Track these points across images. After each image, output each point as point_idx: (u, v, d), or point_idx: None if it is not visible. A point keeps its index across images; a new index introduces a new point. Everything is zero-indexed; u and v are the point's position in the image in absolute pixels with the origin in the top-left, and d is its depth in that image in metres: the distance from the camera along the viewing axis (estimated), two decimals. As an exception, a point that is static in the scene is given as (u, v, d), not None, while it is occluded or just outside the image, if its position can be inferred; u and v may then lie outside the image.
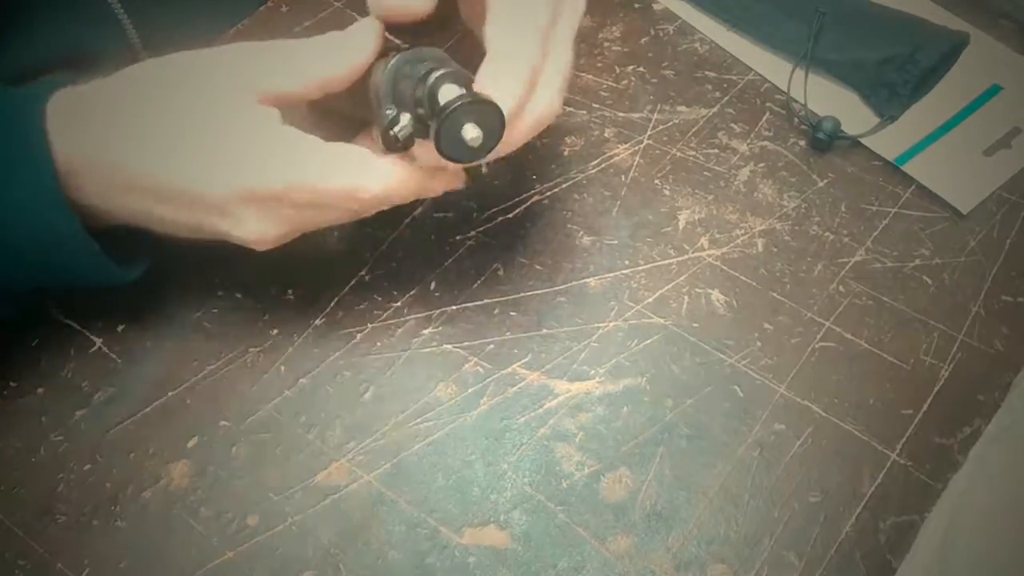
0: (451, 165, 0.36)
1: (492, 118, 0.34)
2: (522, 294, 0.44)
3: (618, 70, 0.53)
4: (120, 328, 0.43)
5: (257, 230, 0.37)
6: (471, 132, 0.34)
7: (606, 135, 0.50)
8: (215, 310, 0.43)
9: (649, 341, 0.43)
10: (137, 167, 0.36)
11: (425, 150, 0.36)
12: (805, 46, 0.52)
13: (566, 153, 0.49)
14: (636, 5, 0.56)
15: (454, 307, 0.44)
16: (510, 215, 0.47)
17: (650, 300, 0.44)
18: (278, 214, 0.37)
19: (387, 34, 0.38)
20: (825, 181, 0.48)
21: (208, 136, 0.36)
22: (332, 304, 0.44)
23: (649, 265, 0.45)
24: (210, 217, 0.37)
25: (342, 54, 0.37)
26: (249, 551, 0.37)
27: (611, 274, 0.45)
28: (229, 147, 0.36)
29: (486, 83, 0.35)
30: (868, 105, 0.51)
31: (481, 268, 0.45)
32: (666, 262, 0.45)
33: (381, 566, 0.37)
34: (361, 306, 0.44)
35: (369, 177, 0.36)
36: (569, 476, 0.39)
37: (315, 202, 0.36)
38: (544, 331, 0.43)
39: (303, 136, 0.36)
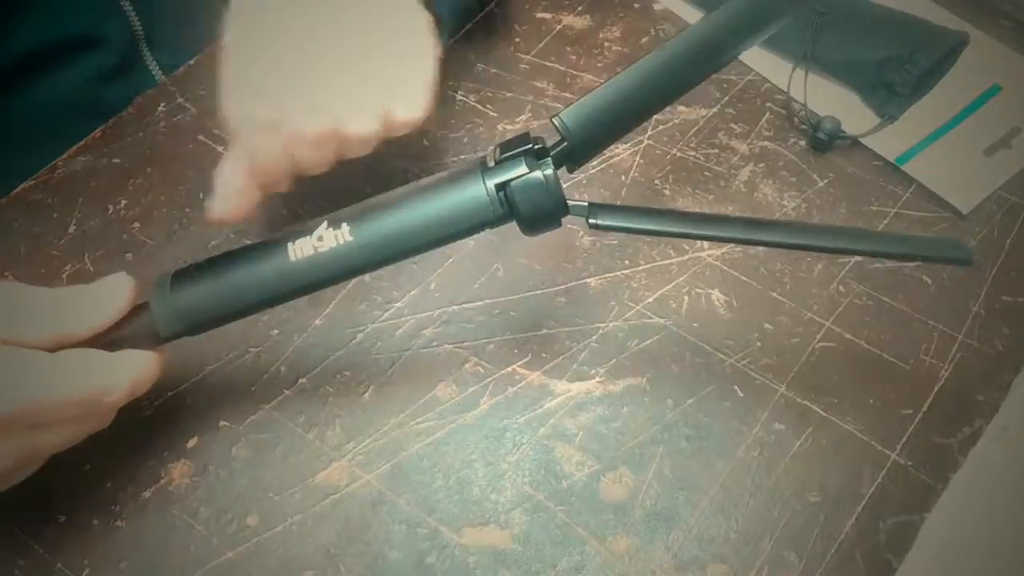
0: None
1: None
2: (522, 294, 0.44)
3: (618, 70, 0.53)
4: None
5: None
6: None
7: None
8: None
9: (649, 341, 0.43)
10: None
11: None
12: (805, 46, 0.52)
13: (566, 153, 0.49)
14: (636, 5, 0.56)
15: (454, 307, 0.44)
16: (510, 215, 0.47)
17: (650, 300, 0.44)
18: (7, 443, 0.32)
19: None
20: (825, 181, 0.48)
21: None
22: (332, 304, 0.44)
23: (649, 265, 0.45)
24: None
25: (87, 314, 0.34)
26: (249, 551, 0.37)
27: (611, 274, 0.45)
28: None
29: None
30: (868, 105, 0.51)
31: (481, 268, 0.45)
32: (666, 262, 0.45)
33: (381, 566, 0.37)
34: (361, 306, 0.44)
35: (111, 376, 0.33)
36: (569, 476, 0.39)
37: (52, 419, 0.33)
38: (544, 331, 0.43)
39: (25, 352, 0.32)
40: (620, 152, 0.49)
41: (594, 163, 0.49)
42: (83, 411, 0.33)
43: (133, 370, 0.34)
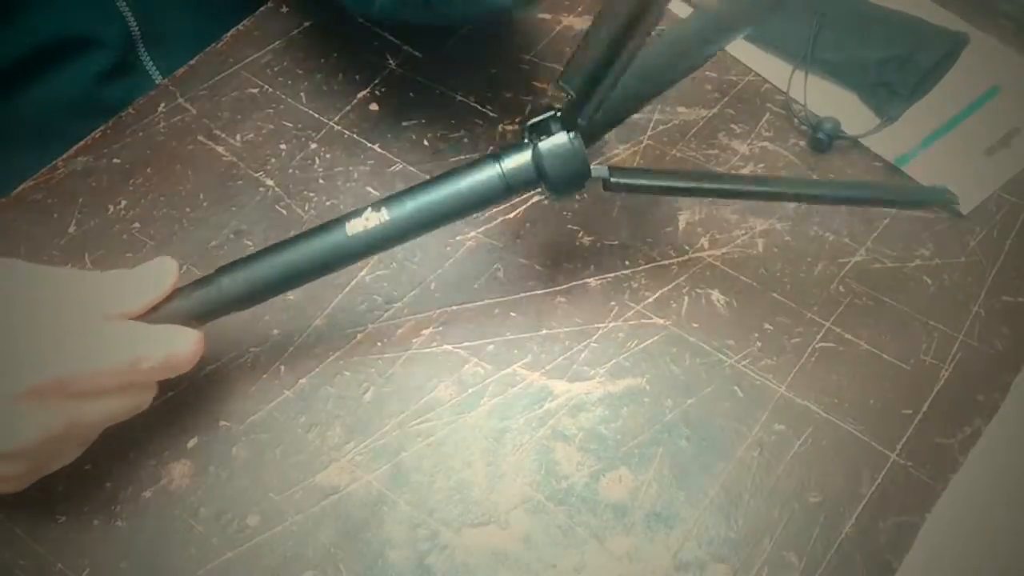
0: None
1: None
2: (522, 294, 0.44)
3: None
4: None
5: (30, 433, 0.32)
6: None
7: (606, 135, 0.50)
8: (215, 310, 0.43)
9: (649, 341, 0.43)
10: None
11: None
12: (805, 47, 0.52)
13: (566, 153, 0.49)
14: (636, 5, 0.56)
15: (454, 307, 0.44)
16: (510, 215, 0.47)
17: (650, 300, 0.44)
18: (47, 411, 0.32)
19: None
20: (825, 181, 0.48)
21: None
22: (332, 304, 0.44)
23: (649, 265, 0.45)
24: None
25: (130, 297, 0.35)
26: (249, 551, 0.37)
27: (611, 274, 0.45)
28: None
29: None
30: (868, 105, 0.51)
31: (481, 268, 0.45)
32: (666, 262, 0.45)
33: (381, 566, 0.37)
34: (361, 306, 0.44)
35: (148, 345, 0.34)
36: (569, 476, 0.39)
37: (89, 389, 0.33)
38: (544, 331, 0.43)
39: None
40: (620, 152, 0.49)
41: (594, 163, 0.48)
42: (120, 381, 0.34)
43: (171, 342, 0.35)
